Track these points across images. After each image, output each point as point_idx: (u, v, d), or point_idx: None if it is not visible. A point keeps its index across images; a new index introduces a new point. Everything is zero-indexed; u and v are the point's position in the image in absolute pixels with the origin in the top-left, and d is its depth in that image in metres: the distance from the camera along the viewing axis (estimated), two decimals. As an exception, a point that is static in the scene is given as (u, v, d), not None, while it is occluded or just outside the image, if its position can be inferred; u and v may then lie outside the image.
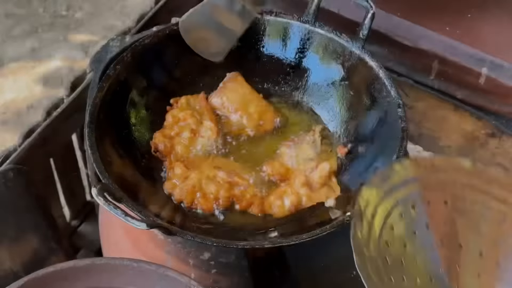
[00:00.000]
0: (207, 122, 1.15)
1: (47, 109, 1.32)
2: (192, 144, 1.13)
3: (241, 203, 1.07)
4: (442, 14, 1.36)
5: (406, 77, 1.43)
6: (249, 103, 1.18)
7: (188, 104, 1.18)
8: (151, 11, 1.47)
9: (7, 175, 1.20)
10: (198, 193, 1.07)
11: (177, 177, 1.08)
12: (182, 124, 1.15)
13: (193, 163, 1.11)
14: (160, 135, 1.13)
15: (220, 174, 1.08)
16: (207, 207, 1.06)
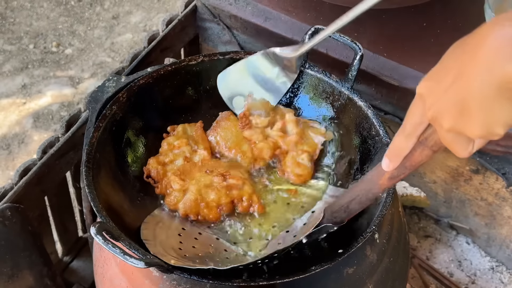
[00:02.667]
0: (201, 151, 1.18)
1: (43, 148, 1.33)
2: (184, 172, 1.15)
3: (242, 204, 1.13)
4: (426, 55, 1.40)
5: (393, 115, 1.47)
6: (243, 141, 1.21)
7: (184, 132, 1.21)
8: (144, 51, 1.50)
9: (5, 213, 1.22)
10: (202, 204, 1.11)
11: (176, 192, 1.11)
12: (176, 151, 1.17)
13: (184, 171, 1.14)
14: (154, 161, 1.16)
15: (216, 179, 1.12)
16: (214, 216, 1.11)
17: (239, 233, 1.11)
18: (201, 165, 1.16)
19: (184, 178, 1.13)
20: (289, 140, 1.20)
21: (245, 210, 1.13)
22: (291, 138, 1.20)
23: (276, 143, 1.20)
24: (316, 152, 1.20)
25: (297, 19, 1.47)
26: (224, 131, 1.21)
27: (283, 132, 1.21)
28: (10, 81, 2.44)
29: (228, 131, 1.21)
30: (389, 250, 1.14)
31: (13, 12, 2.71)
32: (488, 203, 1.53)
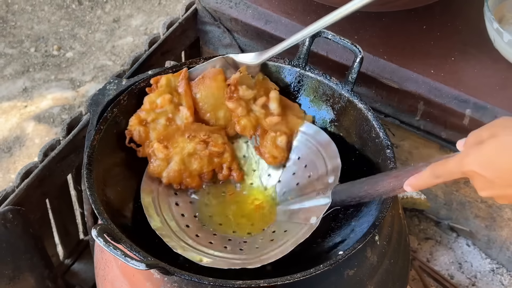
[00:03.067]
0: (183, 110, 1.17)
1: (44, 150, 1.34)
2: (166, 130, 1.16)
3: (222, 172, 1.18)
4: (426, 58, 1.41)
5: (393, 118, 1.47)
6: (220, 107, 1.20)
7: (168, 84, 1.17)
8: (145, 54, 1.50)
9: (6, 216, 1.22)
10: (184, 174, 1.14)
11: (159, 160, 1.14)
12: (158, 110, 1.16)
13: (167, 136, 1.15)
14: (136, 121, 1.15)
15: (198, 147, 1.14)
16: (196, 184, 1.16)
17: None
18: (184, 129, 1.16)
19: (167, 144, 1.14)
20: (270, 120, 1.20)
21: (225, 178, 1.18)
22: (273, 119, 1.20)
23: (258, 120, 1.20)
24: (293, 135, 1.21)
25: (297, 22, 1.48)
26: (206, 91, 1.19)
27: (265, 109, 1.21)
28: (11, 84, 2.44)
29: (209, 92, 1.19)
30: (389, 252, 1.14)
31: (14, 15, 2.71)
32: (488, 205, 1.53)
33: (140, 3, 2.80)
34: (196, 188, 1.17)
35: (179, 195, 1.16)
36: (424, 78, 1.38)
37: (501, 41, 1.32)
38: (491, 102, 1.33)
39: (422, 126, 1.44)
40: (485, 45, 1.39)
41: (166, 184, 1.14)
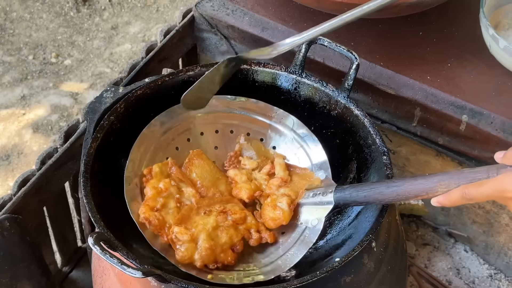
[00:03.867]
0: (188, 189, 1.15)
1: (41, 158, 1.34)
2: (180, 213, 1.11)
3: (252, 238, 1.11)
4: (423, 64, 1.41)
5: (390, 124, 1.47)
6: (219, 181, 1.19)
7: (162, 172, 1.15)
8: (142, 62, 1.50)
9: (3, 224, 1.22)
10: (217, 250, 1.07)
11: (186, 243, 1.06)
12: (164, 194, 1.12)
13: (183, 218, 1.10)
14: (148, 209, 1.09)
15: (219, 219, 1.10)
16: (231, 258, 1.08)
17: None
18: (197, 207, 1.12)
19: (187, 226, 1.08)
20: (271, 183, 1.17)
21: (258, 242, 1.11)
22: (274, 181, 1.17)
23: (259, 187, 1.18)
24: (298, 198, 1.13)
25: (294, 28, 1.48)
26: (199, 169, 1.19)
27: (270, 176, 1.19)
28: (9, 92, 2.45)
29: (203, 170, 1.19)
30: (386, 259, 1.14)
31: (12, 23, 2.72)
32: (486, 211, 1.53)
33: (138, 10, 2.80)
34: (231, 263, 1.08)
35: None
36: (421, 84, 1.38)
37: (497, 47, 1.32)
38: (487, 108, 1.33)
39: (419, 132, 1.44)
40: (481, 51, 1.39)
41: (201, 267, 1.05)
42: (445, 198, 0.90)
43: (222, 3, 1.55)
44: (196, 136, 1.24)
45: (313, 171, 1.19)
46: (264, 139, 1.25)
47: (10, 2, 2.78)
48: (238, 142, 1.25)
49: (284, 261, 1.08)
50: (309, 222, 1.10)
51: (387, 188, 0.98)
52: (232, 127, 1.25)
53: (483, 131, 1.34)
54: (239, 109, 1.25)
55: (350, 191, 1.04)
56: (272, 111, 1.24)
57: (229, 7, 1.55)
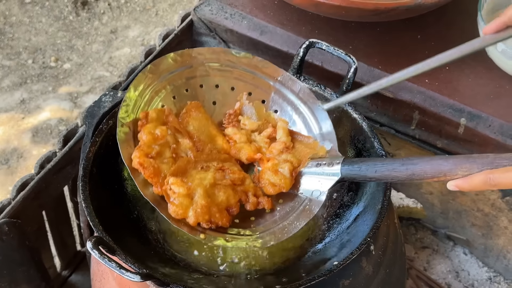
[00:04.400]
0: (184, 141, 1.10)
1: (40, 163, 1.34)
2: (176, 164, 1.05)
3: (248, 202, 1.06)
4: (421, 67, 1.41)
5: (388, 127, 1.47)
6: (217, 137, 1.15)
7: (159, 117, 1.09)
8: (141, 65, 1.50)
9: (2, 229, 1.22)
10: (213, 208, 1.01)
11: (181, 197, 1.00)
12: (160, 142, 1.06)
13: (179, 170, 1.04)
14: (142, 154, 1.02)
15: (217, 176, 1.05)
16: (226, 220, 1.03)
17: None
18: (194, 160, 1.06)
19: (183, 179, 1.02)
20: (273, 146, 1.13)
21: (254, 207, 1.07)
22: (276, 145, 1.13)
23: (259, 149, 1.14)
24: (301, 166, 1.09)
25: (292, 32, 1.48)
26: (197, 122, 1.14)
27: (271, 140, 1.15)
28: (9, 96, 2.45)
29: (200, 123, 1.14)
30: (385, 262, 1.14)
31: (12, 27, 2.72)
32: (485, 213, 1.53)
33: (137, 14, 2.81)
34: (225, 225, 1.03)
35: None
36: (419, 87, 1.38)
37: (494, 50, 1.32)
38: (485, 111, 1.33)
39: (418, 135, 1.45)
40: (479, 55, 1.38)
41: (193, 224, 1.00)
42: (464, 182, 0.86)
43: (221, 7, 1.56)
44: (195, 88, 1.18)
45: (317, 140, 1.14)
46: (266, 101, 1.20)
47: (9, 6, 2.78)
48: (239, 100, 1.20)
49: (281, 230, 1.05)
50: (310, 192, 1.06)
51: (402, 165, 0.93)
52: (234, 83, 1.20)
53: (481, 134, 1.34)
54: (243, 65, 1.20)
55: (360, 165, 0.99)
56: (279, 73, 1.20)
57: (227, 11, 1.55)
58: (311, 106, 1.18)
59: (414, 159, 0.93)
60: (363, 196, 1.15)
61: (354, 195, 1.16)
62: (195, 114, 1.14)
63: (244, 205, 1.07)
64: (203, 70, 1.18)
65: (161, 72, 1.14)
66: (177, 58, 1.16)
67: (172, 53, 1.16)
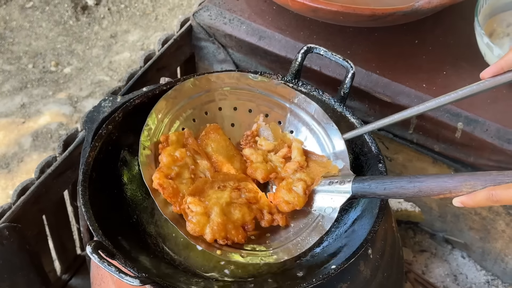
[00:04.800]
0: (203, 162, 1.14)
1: (40, 167, 1.35)
2: (194, 184, 1.10)
3: (264, 219, 1.10)
4: (418, 72, 1.42)
5: (386, 131, 1.48)
6: (234, 158, 1.19)
7: (178, 140, 1.14)
8: (141, 71, 1.52)
9: (3, 233, 1.23)
10: (229, 226, 1.05)
11: (199, 215, 1.04)
12: (180, 164, 1.11)
13: (197, 190, 1.08)
14: (162, 175, 1.07)
15: (233, 195, 1.09)
16: (242, 236, 1.06)
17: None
18: (212, 181, 1.11)
19: (200, 198, 1.07)
20: (287, 166, 1.17)
21: (269, 224, 1.10)
22: (290, 165, 1.17)
23: (275, 168, 1.17)
24: (314, 185, 1.12)
25: (290, 37, 1.49)
26: (215, 144, 1.19)
27: (286, 160, 1.19)
28: (9, 100, 2.46)
29: (218, 144, 1.19)
30: (382, 266, 1.15)
31: (12, 32, 2.73)
32: (482, 217, 1.54)
33: (137, 18, 2.82)
34: (241, 241, 1.06)
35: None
36: (417, 92, 1.39)
37: (491, 55, 1.33)
38: (482, 116, 1.34)
39: (415, 140, 1.45)
40: (476, 59, 1.40)
41: (210, 241, 1.04)
42: (469, 198, 0.89)
43: (220, 12, 1.57)
44: (214, 111, 1.23)
45: (330, 159, 1.17)
46: (282, 122, 1.24)
47: (10, 11, 2.79)
48: (256, 122, 1.24)
49: (294, 246, 1.07)
50: (323, 209, 1.09)
51: (409, 183, 0.96)
52: (251, 106, 1.24)
53: (478, 138, 1.35)
54: (260, 88, 1.24)
55: (370, 183, 1.02)
56: (294, 95, 1.23)
57: (226, 16, 1.56)
58: (324, 126, 1.21)
59: (421, 177, 0.96)
60: (361, 201, 1.16)
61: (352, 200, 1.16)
62: (213, 136, 1.19)
63: (259, 222, 1.10)
64: (221, 93, 1.23)
65: (182, 97, 1.19)
66: (196, 82, 1.21)
67: (192, 78, 1.21)
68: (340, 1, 1.34)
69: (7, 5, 2.81)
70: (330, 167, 1.14)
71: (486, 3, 1.41)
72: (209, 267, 1.10)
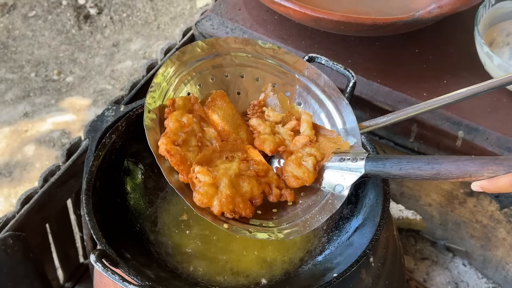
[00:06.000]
0: (210, 130, 1.10)
1: (44, 176, 1.36)
2: (202, 153, 1.05)
3: (271, 194, 1.06)
4: (419, 81, 1.43)
5: (387, 140, 1.49)
6: (240, 127, 1.14)
7: (185, 105, 1.09)
8: (143, 80, 1.52)
9: (7, 242, 1.24)
10: (237, 199, 1.01)
11: (207, 186, 1.00)
12: (186, 130, 1.06)
13: (205, 159, 1.04)
14: (169, 141, 1.02)
15: (242, 166, 1.05)
16: (249, 211, 1.03)
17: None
18: (220, 150, 1.07)
19: (208, 167, 1.02)
20: (297, 140, 1.12)
21: (277, 199, 1.06)
22: (300, 138, 1.12)
23: (283, 141, 1.13)
24: (324, 160, 1.09)
25: (292, 47, 1.50)
26: (222, 111, 1.13)
27: (295, 133, 1.14)
28: (12, 109, 2.47)
29: (225, 112, 1.13)
30: (384, 274, 1.15)
31: (15, 41, 2.75)
32: (483, 225, 1.54)
33: (139, 27, 2.83)
34: (248, 215, 1.03)
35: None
36: (417, 100, 1.39)
37: (491, 64, 1.34)
38: (483, 124, 1.35)
39: (416, 148, 1.46)
40: (476, 68, 1.41)
41: (217, 213, 1.00)
42: (490, 183, 0.87)
43: (222, 22, 1.58)
44: (221, 77, 1.18)
45: (341, 135, 1.13)
46: (291, 93, 1.19)
47: (12, 20, 2.81)
48: (264, 91, 1.19)
49: (303, 223, 1.05)
50: (333, 187, 1.06)
51: (427, 164, 0.93)
52: (259, 74, 1.20)
53: (478, 146, 1.35)
54: (269, 56, 1.20)
55: (384, 162, 0.99)
56: (304, 66, 1.20)
57: (228, 25, 1.57)
58: (335, 100, 1.17)
59: (439, 158, 0.93)
60: (362, 209, 1.16)
61: (353, 208, 1.17)
62: (220, 103, 1.14)
63: (267, 197, 1.07)
64: (229, 59, 1.18)
65: (188, 59, 1.15)
66: (204, 46, 1.17)
67: (200, 41, 1.17)
68: (342, 11, 1.36)
69: (10, 14, 2.83)
70: (341, 143, 1.11)
71: (486, 12, 1.42)
72: (211, 276, 1.11)
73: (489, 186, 0.88)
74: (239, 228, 1.01)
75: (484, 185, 0.89)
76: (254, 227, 1.03)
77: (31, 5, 2.87)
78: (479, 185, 0.89)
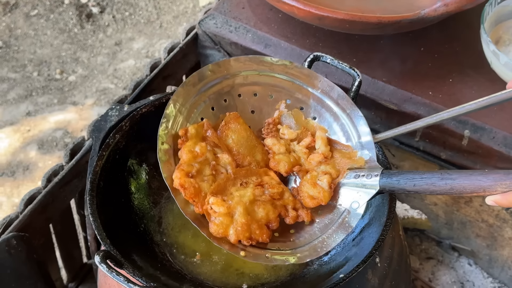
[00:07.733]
0: (224, 156, 1.09)
1: (47, 176, 1.35)
2: (216, 181, 1.06)
3: (288, 216, 1.06)
4: (424, 79, 1.42)
5: (392, 139, 1.48)
6: (256, 149, 1.14)
7: (198, 133, 1.09)
8: (147, 79, 1.52)
9: (11, 242, 1.23)
10: (253, 226, 1.02)
11: (222, 216, 1.00)
12: (200, 159, 1.06)
13: (219, 188, 1.04)
14: (183, 174, 1.03)
15: (257, 192, 1.05)
16: (266, 236, 1.03)
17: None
18: (233, 177, 1.07)
19: (223, 197, 1.03)
20: (312, 158, 1.12)
21: (294, 220, 1.07)
22: (314, 156, 1.11)
23: (298, 160, 1.12)
24: (339, 178, 1.09)
25: (296, 45, 1.50)
26: (236, 135, 1.13)
27: (310, 150, 1.14)
28: (14, 108, 2.47)
29: (239, 135, 1.13)
30: (390, 274, 1.15)
31: (17, 40, 2.74)
32: (489, 224, 1.54)
33: (142, 26, 2.82)
34: (265, 240, 1.03)
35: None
36: (423, 99, 1.39)
37: (497, 63, 1.33)
38: (489, 123, 1.34)
39: (422, 147, 1.45)
40: (482, 67, 1.40)
41: (234, 242, 1.00)
42: (503, 198, 0.87)
43: (225, 21, 1.57)
44: (234, 97, 1.17)
45: (356, 149, 1.13)
46: (305, 108, 1.19)
47: (14, 19, 2.80)
48: (278, 108, 1.19)
49: (321, 244, 1.05)
50: (349, 204, 1.06)
51: (441, 180, 0.93)
52: (272, 91, 1.19)
53: (485, 145, 1.34)
54: (281, 72, 1.19)
55: (399, 178, 0.99)
56: (317, 79, 1.18)
57: (232, 24, 1.56)
58: (349, 113, 1.16)
59: (453, 173, 0.93)
60: (368, 209, 1.15)
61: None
62: (233, 126, 1.13)
63: (284, 219, 1.07)
64: (241, 78, 1.18)
65: (200, 84, 1.14)
66: (215, 68, 1.16)
67: (210, 64, 1.16)
68: (346, 9, 1.35)
69: (12, 13, 2.82)
70: (356, 158, 1.10)
71: (492, 10, 1.41)
72: (216, 277, 1.10)
73: (503, 201, 0.88)
74: (256, 255, 1.02)
75: (498, 200, 0.89)
76: (271, 251, 1.03)
77: (33, 4, 2.86)
78: (493, 199, 0.90)
